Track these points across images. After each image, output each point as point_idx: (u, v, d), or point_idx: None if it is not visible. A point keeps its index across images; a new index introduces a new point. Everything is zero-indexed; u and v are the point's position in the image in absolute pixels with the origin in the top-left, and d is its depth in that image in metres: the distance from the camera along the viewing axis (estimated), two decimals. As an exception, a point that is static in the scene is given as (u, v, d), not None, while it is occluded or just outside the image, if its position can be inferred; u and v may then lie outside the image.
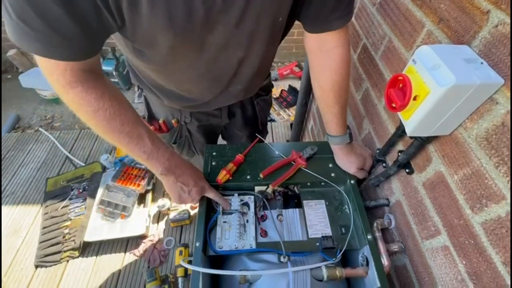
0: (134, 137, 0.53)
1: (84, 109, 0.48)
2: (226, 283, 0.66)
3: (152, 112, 0.90)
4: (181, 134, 0.91)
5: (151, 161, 0.57)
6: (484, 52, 0.40)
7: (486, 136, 0.41)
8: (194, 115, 0.85)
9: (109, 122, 0.50)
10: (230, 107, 0.87)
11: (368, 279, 0.60)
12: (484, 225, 0.41)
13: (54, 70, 0.43)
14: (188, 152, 0.99)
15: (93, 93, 0.47)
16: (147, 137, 0.54)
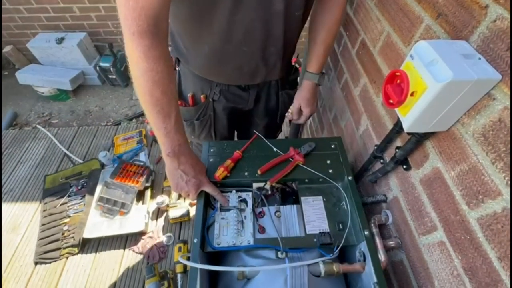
0: (165, 110, 0.56)
1: (140, 64, 0.51)
2: (224, 279, 0.67)
3: (182, 87, 0.91)
4: (206, 112, 0.92)
5: (166, 139, 0.59)
6: (482, 48, 0.40)
7: (483, 132, 0.40)
8: (223, 93, 0.87)
9: (154, 86, 0.53)
10: (258, 91, 0.91)
11: (365, 274, 0.61)
12: (480, 220, 0.41)
13: (130, 14, 0.46)
14: (207, 136, 1.00)
15: (155, 50, 0.50)
16: (174, 116, 0.58)
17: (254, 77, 0.83)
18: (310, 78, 0.81)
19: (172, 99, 0.57)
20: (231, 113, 0.95)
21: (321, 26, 0.74)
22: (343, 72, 0.98)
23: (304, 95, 0.84)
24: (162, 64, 0.52)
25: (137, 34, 0.48)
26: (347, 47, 0.93)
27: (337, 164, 0.74)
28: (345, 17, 0.88)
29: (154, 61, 0.51)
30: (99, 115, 2.32)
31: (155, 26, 0.49)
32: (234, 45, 0.71)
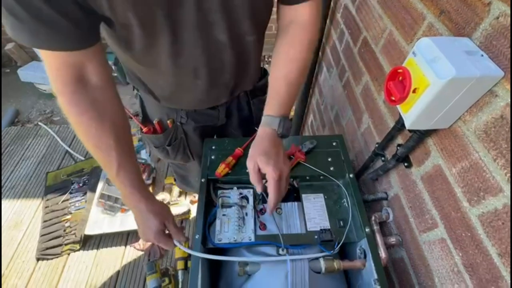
0: (106, 163, 0.55)
1: (69, 119, 0.51)
2: (225, 276, 0.67)
3: (147, 112, 0.86)
4: (177, 136, 0.87)
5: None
6: (485, 44, 0.40)
7: (485, 129, 0.41)
8: (191, 115, 0.82)
9: (86, 141, 0.53)
10: (228, 107, 0.84)
11: (365, 271, 0.61)
12: (481, 217, 0.42)
13: (50, 66, 0.45)
14: (183, 157, 0.94)
15: (75, 107, 0.49)
16: (115, 167, 0.55)
17: (218, 100, 0.77)
18: (267, 124, 0.57)
19: (109, 150, 0.53)
20: (204, 131, 0.89)
21: (282, 59, 0.58)
22: (345, 70, 0.98)
23: (260, 148, 0.55)
24: (86, 119, 0.50)
25: (59, 90, 0.48)
26: (349, 45, 0.93)
27: (339, 162, 0.74)
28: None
29: (77, 117, 0.50)
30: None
31: (77, 83, 0.47)
32: (187, 81, 0.66)
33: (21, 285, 1.34)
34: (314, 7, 0.56)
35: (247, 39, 0.59)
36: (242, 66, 0.67)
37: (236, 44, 0.59)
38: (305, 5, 0.55)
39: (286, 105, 0.57)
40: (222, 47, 0.58)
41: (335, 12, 1.08)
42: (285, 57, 0.58)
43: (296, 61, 0.57)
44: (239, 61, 0.64)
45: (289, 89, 0.57)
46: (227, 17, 0.51)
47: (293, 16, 0.57)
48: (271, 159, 0.54)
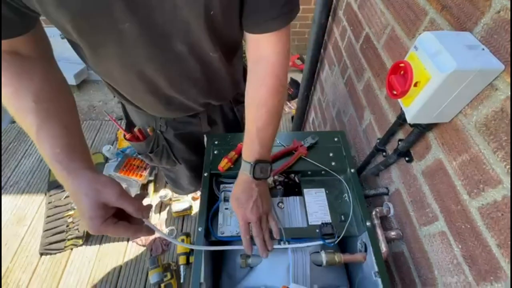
0: (26, 128, 0.46)
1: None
2: (227, 268, 0.68)
3: (130, 118, 0.83)
4: (158, 143, 0.85)
5: None
6: (486, 39, 0.41)
7: (485, 122, 0.41)
8: (170, 124, 0.79)
9: (7, 104, 0.46)
10: (209, 115, 0.81)
11: (366, 264, 0.62)
12: (481, 209, 0.42)
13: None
14: (169, 161, 0.92)
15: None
16: (34, 132, 0.44)
17: (190, 110, 0.73)
18: (242, 169, 0.59)
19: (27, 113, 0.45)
20: (187, 138, 0.87)
21: (251, 103, 0.56)
22: (346, 67, 0.99)
23: (235, 193, 0.60)
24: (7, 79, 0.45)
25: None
26: (351, 41, 0.94)
27: (340, 157, 0.75)
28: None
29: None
30: (103, 110, 2.34)
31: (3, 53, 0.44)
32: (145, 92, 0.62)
33: (25, 279, 1.36)
34: (279, 39, 0.51)
35: (212, 55, 0.56)
36: (211, 80, 0.63)
37: (199, 58, 0.55)
38: (269, 36, 0.50)
39: (259, 150, 0.56)
40: (184, 59, 0.54)
41: (337, 9, 1.08)
42: (252, 102, 0.56)
43: (264, 106, 0.54)
44: (205, 74, 0.61)
45: (260, 135, 0.55)
46: (182, 32, 0.48)
47: (258, 49, 0.53)
48: (239, 206, 0.58)
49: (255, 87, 0.55)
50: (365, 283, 0.62)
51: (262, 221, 0.59)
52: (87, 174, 0.44)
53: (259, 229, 0.58)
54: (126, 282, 1.36)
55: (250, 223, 0.59)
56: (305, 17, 2.47)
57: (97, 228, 0.42)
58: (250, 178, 0.57)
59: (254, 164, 0.56)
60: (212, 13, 0.46)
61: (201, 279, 0.56)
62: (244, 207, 0.57)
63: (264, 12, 0.48)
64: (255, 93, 0.55)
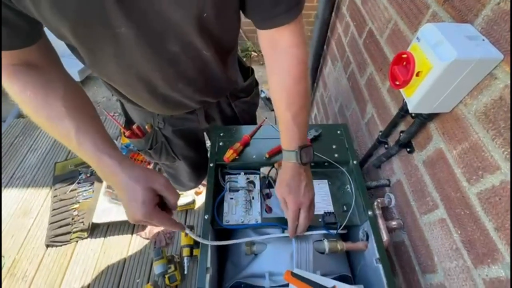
0: (62, 133, 0.47)
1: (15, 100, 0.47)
2: (233, 256, 0.70)
3: (129, 116, 0.85)
4: (157, 140, 0.85)
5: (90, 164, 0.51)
6: (486, 30, 0.42)
7: (484, 111, 0.43)
8: (167, 120, 0.80)
9: (35, 116, 0.47)
10: (207, 111, 0.81)
11: (368, 252, 0.63)
12: (479, 195, 0.44)
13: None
14: (168, 158, 0.92)
15: (17, 84, 0.46)
16: (74, 133, 0.46)
17: (186, 107, 0.73)
18: (286, 158, 0.58)
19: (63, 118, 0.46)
20: (186, 135, 0.87)
21: (279, 92, 0.56)
22: (349, 62, 1.00)
23: (283, 180, 0.59)
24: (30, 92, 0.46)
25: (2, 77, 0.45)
26: (354, 37, 0.95)
27: (343, 149, 0.76)
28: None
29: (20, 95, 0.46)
30: (107, 105, 2.36)
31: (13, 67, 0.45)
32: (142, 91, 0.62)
33: (31, 270, 1.38)
34: (295, 29, 0.51)
35: (206, 54, 0.56)
36: (205, 78, 0.64)
37: (193, 56, 0.55)
38: (283, 29, 0.51)
39: (299, 135, 0.56)
40: (179, 59, 0.54)
41: (340, 5, 1.09)
42: (281, 91, 0.55)
43: (294, 93, 0.55)
44: (201, 73, 0.61)
45: (297, 121, 0.55)
46: (176, 33, 0.48)
47: (273, 41, 0.53)
48: (291, 192, 0.56)
49: (280, 77, 0.55)
50: (366, 270, 0.63)
51: (310, 208, 0.59)
52: (135, 164, 0.48)
53: (308, 214, 0.58)
54: (130, 273, 1.38)
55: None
56: (308, 15, 2.48)
57: (149, 212, 0.46)
58: (297, 165, 0.56)
59: (300, 150, 0.55)
60: (205, 16, 0.46)
61: (208, 263, 0.58)
62: (296, 192, 0.57)
63: (273, 7, 0.48)
64: (281, 83, 0.55)
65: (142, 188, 0.46)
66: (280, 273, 0.61)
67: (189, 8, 0.44)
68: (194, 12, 0.45)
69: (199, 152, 1.00)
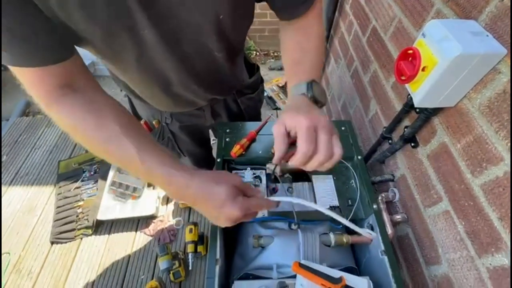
0: (122, 155, 0.44)
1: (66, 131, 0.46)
2: (240, 248, 0.71)
3: (136, 112, 0.86)
4: (163, 135, 0.86)
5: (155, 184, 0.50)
6: (490, 26, 0.43)
7: (488, 104, 0.44)
8: (175, 116, 0.81)
9: (92, 142, 0.45)
10: (213, 107, 0.82)
11: (373, 245, 0.65)
12: (483, 186, 0.45)
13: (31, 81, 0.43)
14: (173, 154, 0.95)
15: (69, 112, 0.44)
16: (136, 154, 0.43)
17: (195, 104, 0.75)
18: (295, 91, 0.49)
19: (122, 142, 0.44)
20: (192, 131, 0.88)
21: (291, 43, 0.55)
22: (353, 60, 1.01)
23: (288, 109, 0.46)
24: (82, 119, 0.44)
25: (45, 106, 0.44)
26: (358, 35, 0.96)
27: (347, 145, 0.77)
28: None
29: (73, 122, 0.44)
30: (109, 104, 2.37)
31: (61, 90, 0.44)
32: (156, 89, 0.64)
33: (37, 266, 1.40)
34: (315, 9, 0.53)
35: (217, 55, 0.57)
36: (215, 78, 0.65)
37: (205, 57, 0.57)
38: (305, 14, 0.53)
39: (309, 70, 0.50)
40: (192, 59, 0.56)
41: (343, 3, 1.10)
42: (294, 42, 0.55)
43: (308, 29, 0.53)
44: (210, 73, 0.63)
45: (308, 57, 0.51)
46: (192, 34, 0.50)
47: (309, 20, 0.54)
48: (300, 112, 0.42)
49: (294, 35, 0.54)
50: (372, 262, 0.65)
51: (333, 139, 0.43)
52: (204, 171, 0.46)
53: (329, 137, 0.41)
54: (135, 270, 1.39)
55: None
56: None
57: (244, 204, 0.43)
58: (306, 97, 0.46)
59: (311, 82, 0.47)
60: (222, 18, 0.48)
61: (217, 255, 0.59)
62: (308, 112, 0.43)
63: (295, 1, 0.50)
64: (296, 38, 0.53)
65: (226, 187, 0.43)
66: (287, 265, 0.62)
67: (206, 11, 0.46)
68: (211, 15, 0.47)
69: (204, 149, 1.01)
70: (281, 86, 2.40)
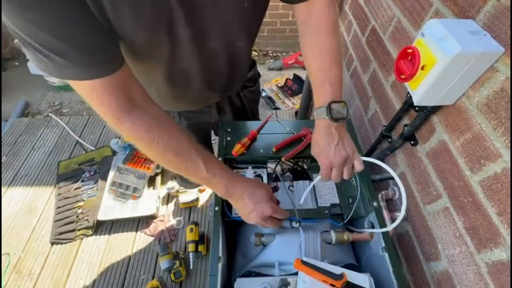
0: (190, 165, 0.53)
1: (138, 143, 0.50)
2: (241, 246, 0.72)
3: None
4: None
5: (210, 186, 0.59)
6: (488, 25, 0.44)
7: (486, 102, 0.45)
8: (183, 114, 0.85)
9: (164, 153, 0.51)
10: (218, 103, 0.85)
11: (373, 242, 0.66)
12: (482, 183, 0.46)
13: (101, 96, 0.44)
14: None
15: (142, 126, 0.47)
16: (202, 164, 0.54)
17: (208, 101, 0.79)
18: (317, 115, 0.58)
19: (189, 150, 0.53)
20: (197, 128, 0.91)
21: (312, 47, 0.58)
22: (352, 60, 1.02)
23: (314, 139, 0.60)
24: (156, 131, 0.48)
25: (117, 121, 0.46)
26: (357, 35, 0.97)
27: (347, 144, 0.78)
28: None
29: (148, 134, 0.48)
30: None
31: (129, 103, 0.46)
32: (179, 88, 0.67)
33: (37, 267, 1.39)
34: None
35: (238, 44, 0.60)
36: (233, 69, 0.67)
37: (228, 49, 0.59)
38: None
39: (331, 91, 0.56)
40: (216, 54, 0.58)
41: (342, 4, 1.11)
42: (313, 48, 0.57)
43: (327, 48, 0.56)
44: (230, 64, 0.65)
45: (328, 76, 0.56)
46: (220, 29, 0.53)
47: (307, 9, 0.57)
48: (321, 152, 0.58)
49: (313, 35, 0.57)
50: (372, 259, 0.65)
51: (346, 164, 0.58)
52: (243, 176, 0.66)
53: (339, 174, 0.59)
54: (135, 270, 1.39)
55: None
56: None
57: (274, 206, 0.60)
58: (328, 121, 0.56)
59: (329, 105, 0.55)
60: (246, 5, 0.50)
61: (220, 253, 0.60)
62: (326, 151, 0.57)
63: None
64: (314, 39, 0.57)
65: (266, 189, 0.62)
66: (289, 262, 0.63)
67: (234, 2, 0.48)
68: (238, 6, 0.49)
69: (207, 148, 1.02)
70: (280, 86, 2.41)
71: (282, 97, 2.35)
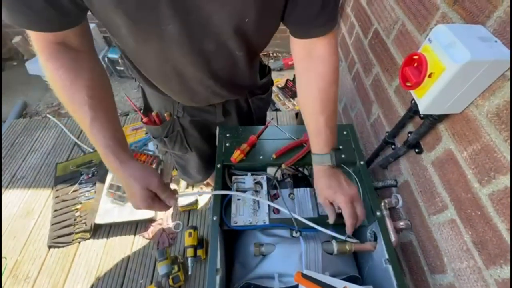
0: (79, 118, 0.52)
1: (46, 73, 0.51)
2: (240, 256, 0.70)
3: (148, 103, 0.88)
4: (173, 129, 0.88)
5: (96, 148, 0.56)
6: (499, 31, 0.42)
7: (496, 112, 0.43)
8: (187, 110, 0.83)
9: (60, 92, 0.51)
10: (224, 105, 0.83)
11: (376, 253, 0.63)
12: (491, 196, 0.44)
13: (32, 34, 0.48)
14: (181, 148, 0.94)
15: (53, 62, 0.50)
16: (88, 122, 0.51)
17: (209, 101, 0.76)
18: (320, 162, 0.61)
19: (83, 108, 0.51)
20: (201, 126, 0.89)
21: (313, 96, 0.58)
22: (354, 63, 1.00)
23: (323, 185, 0.61)
24: (62, 72, 0.50)
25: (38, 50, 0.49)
26: (359, 37, 0.95)
27: (349, 150, 0.76)
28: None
29: (52, 71, 0.50)
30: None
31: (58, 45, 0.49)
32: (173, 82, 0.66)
33: (34, 271, 1.38)
34: (331, 40, 0.54)
35: (237, 54, 0.58)
36: (233, 76, 0.66)
37: (225, 56, 0.58)
38: (321, 39, 0.53)
39: (332, 138, 0.59)
40: (210, 57, 0.58)
41: (344, 5, 1.09)
42: (316, 96, 0.58)
43: (329, 98, 0.57)
44: (229, 71, 0.64)
45: (329, 124, 0.58)
46: (215, 33, 0.51)
47: (308, 49, 0.56)
48: (337, 191, 0.59)
49: (315, 83, 0.57)
50: (375, 271, 0.63)
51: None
52: (136, 164, 0.55)
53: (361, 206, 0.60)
54: (133, 274, 1.37)
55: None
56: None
57: (147, 204, 0.56)
58: (330, 167, 0.59)
59: (334, 153, 0.58)
60: (247, 21, 0.49)
61: (218, 265, 0.58)
62: (341, 189, 0.59)
63: (314, 19, 0.50)
64: (316, 88, 0.57)
65: (140, 188, 0.55)
66: (289, 274, 0.61)
67: (232, 13, 0.47)
68: (236, 18, 0.48)
69: (211, 146, 1.02)
70: (280, 87, 2.39)
71: (283, 99, 2.33)
